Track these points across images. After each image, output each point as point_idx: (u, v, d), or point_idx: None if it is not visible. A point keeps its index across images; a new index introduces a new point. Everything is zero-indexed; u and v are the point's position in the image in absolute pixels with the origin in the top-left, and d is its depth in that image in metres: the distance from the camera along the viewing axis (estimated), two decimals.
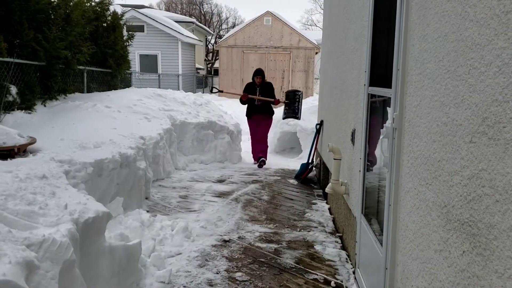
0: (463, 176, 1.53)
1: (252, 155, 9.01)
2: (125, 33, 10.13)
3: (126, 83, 10.95)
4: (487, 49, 1.38)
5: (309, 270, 3.60)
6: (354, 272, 3.56)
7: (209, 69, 35.83)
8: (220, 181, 6.92)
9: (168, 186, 6.37)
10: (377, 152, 3.05)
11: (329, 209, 5.39)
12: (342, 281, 3.46)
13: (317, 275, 3.55)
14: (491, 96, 1.35)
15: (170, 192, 6.02)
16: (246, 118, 8.99)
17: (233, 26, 41.78)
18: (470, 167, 1.48)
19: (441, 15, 1.78)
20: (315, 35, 24.90)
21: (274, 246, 4.17)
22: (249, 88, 8.74)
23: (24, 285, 1.86)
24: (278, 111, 9.75)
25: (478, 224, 1.41)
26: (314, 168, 7.63)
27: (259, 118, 8.72)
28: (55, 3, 6.89)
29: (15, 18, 5.95)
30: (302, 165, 7.47)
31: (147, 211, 4.89)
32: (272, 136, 10.96)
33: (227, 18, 47.43)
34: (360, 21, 3.69)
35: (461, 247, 1.53)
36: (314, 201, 5.87)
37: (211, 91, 10.00)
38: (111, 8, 9.58)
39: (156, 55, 22.61)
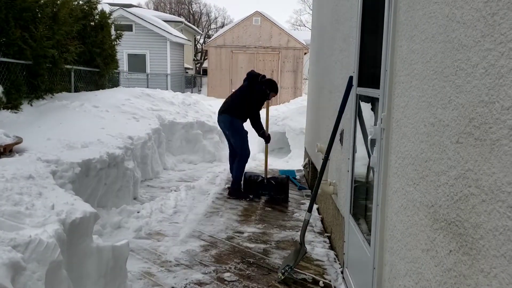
0: (450, 176, 1.54)
1: None
2: (113, 32, 10.07)
3: (114, 83, 10.88)
4: (473, 50, 1.40)
5: (298, 270, 3.61)
6: (342, 272, 3.57)
7: (197, 69, 35.74)
8: (209, 181, 6.90)
9: (157, 186, 6.35)
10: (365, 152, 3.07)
11: (318, 209, 5.40)
12: (330, 281, 3.47)
13: (306, 274, 3.56)
14: (477, 97, 1.36)
15: (158, 192, 5.99)
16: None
17: (222, 26, 41.74)
18: (457, 167, 1.49)
19: (429, 17, 1.79)
20: (304, 35, 24.98)
21: (262, 246, 4.17)
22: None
23: (10, 287, 1.84)
24: None
25: (465, 223, 1.42)
26: (302, 169, 7.64)
27: None
28: (42, 1, 6.82)
29: (1, 16, 5.88)
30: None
31: (138, 212, 4.86)
32: None
33: (216, 18, 47.42)
34: (349, 22, 3.71)
35: (448, 247, 1.54)
36: (302, 201, 5.88)
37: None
38: (99, 7, 9.51)
39: (145, 54, 22.50)
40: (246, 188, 5.97)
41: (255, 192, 5.90)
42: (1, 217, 2.36)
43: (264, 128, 6.11)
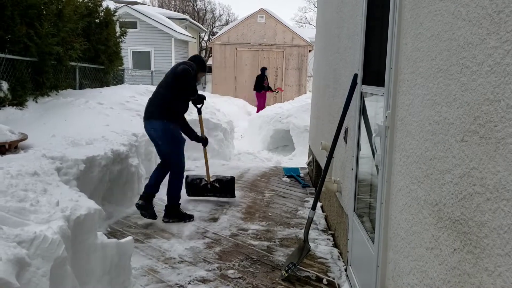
0: (455, 175, 1.54)
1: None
2: (117, 29, 10.07)
3: (119, 80, 10.90)
4: (479, 48, 1.39)
5: (301, 268, 3.61)
6: (346, 270, 3.57)
7: None
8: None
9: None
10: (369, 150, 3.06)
11: (322, 207, 5.40)
12: (334, 279, 3.47)
13: (309, 272, 3.56)
14: (482, 95, 1.36)
15: (162, 189, 5.99)
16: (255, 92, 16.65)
17: (227, 23, 41.66)
18: (462, 165, 1.49)
19: (434, 14, 1.79)
20: (309, 33, 24.89)
21: (266, 243, 4.18)
22: (260, 78, 16.57)
23: (15, 282, 1.85)
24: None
25: (469, 222, 1.42)
26: (307, 166, 7.63)
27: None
28: None
29: (7, 13, 5.89)
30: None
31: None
32: (265, 133, 10.97)
33: (220, 15, 47.28)
34: (354, 20, 3.70)
35: (452, 245, 1.54)
36: (306, 199, 5.88)
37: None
38: (104, 4, 9.53)
39: (149, 51, 22.50)
40: (189, 191, 5.64)
41: (200, 194, 5.65)
42: (6, 213, 2.37)
43: (198, 133, 5.42)
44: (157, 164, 5.07)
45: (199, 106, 5.28)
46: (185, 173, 5.63)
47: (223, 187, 5.64)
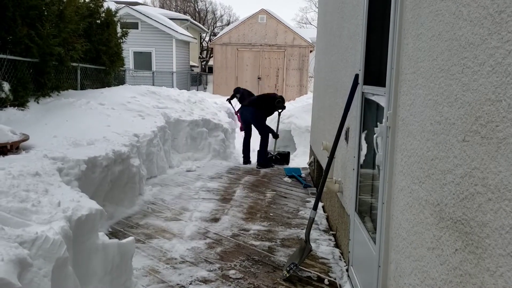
0: (456, 175, 1.54)
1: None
2: (119, 30, 10.09)
3: (120, 80, 10.90)
4: (480, 48, 1.39)
5: (303, 268, 3.61)
6: (347, 270, 3.57)
7: (203, 66, 35.75)
8: (214, 178, 6.92)
9: (162, 184, 6.36)
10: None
11: (323, 207, 5.40)
12: (335, 279, 3.47)
13: (311, 272, 3.56)
14: (484, 95, 1.36)
15: (164, 190, 6.01)
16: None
17: (228, 24, 41.68)
18: (463, 165, 1.48)
19: (435, 14, 1.79)
20: (310, 33, 24.93)
21: (268, 244, 4.18)
22: None
23: (17, 283, 1.85)
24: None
25: (471, 222, 1.42)
26: (308, 167, 7.63)
27: None
28: None
29: (8, 14, 5.91)
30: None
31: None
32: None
33: (221, 16, 47.29)
34: (355, 20, 3.70)
35: (453, 245, 1.54)
36: (308, 199, 5.88)
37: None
38: (105, 5, 9.54)
39: (150, 52, 22.53)
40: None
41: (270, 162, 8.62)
42: (8, 213, 2.37)
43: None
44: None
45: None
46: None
47: (282, 158, 8.74)
